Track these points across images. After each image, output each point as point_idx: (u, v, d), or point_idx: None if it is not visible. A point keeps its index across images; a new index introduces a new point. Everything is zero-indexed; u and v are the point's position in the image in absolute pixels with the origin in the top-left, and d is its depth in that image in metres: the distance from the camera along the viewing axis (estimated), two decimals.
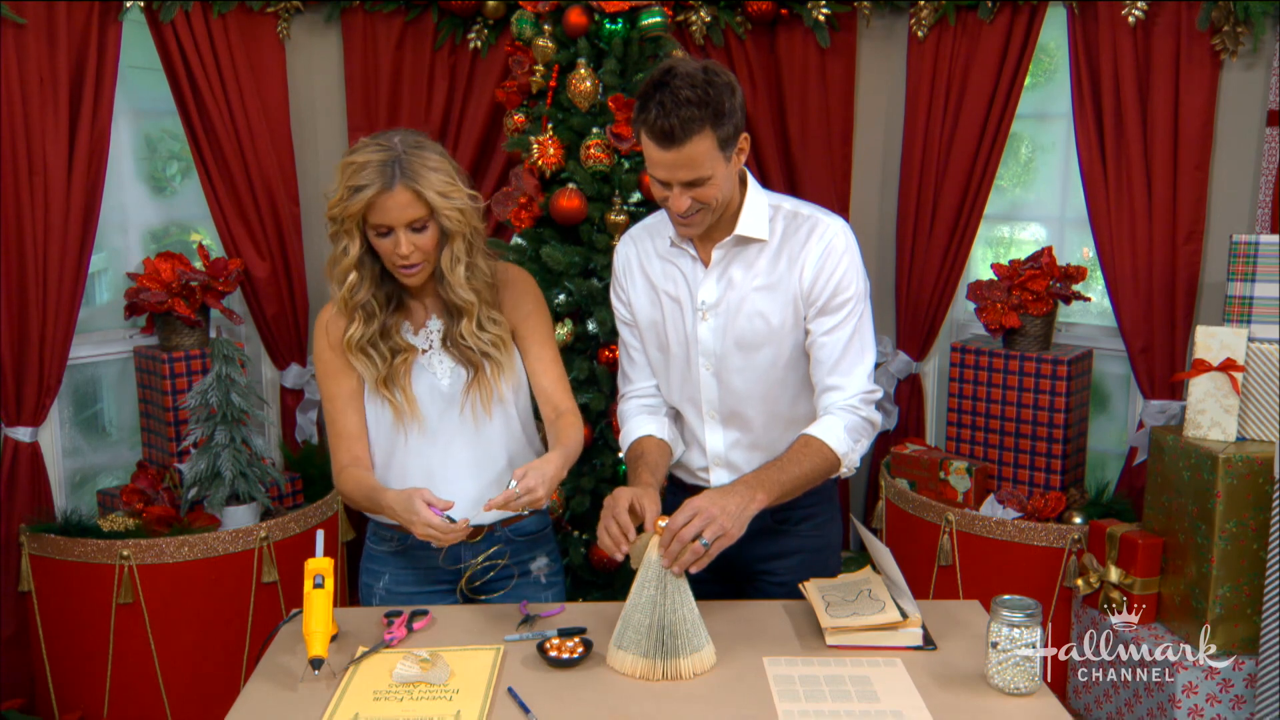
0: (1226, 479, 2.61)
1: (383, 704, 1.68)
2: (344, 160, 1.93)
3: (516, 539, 2.13)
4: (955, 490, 3.25)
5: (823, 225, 1.98)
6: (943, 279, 3.50)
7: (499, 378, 2.04)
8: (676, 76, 1.82)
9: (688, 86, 1.80)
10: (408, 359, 2.01)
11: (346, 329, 2.00)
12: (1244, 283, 2.82)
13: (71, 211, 3.04)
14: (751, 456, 2.07)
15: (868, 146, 3.65)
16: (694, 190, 1.87)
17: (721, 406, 2.05)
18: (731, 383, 2.03)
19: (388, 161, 1.89)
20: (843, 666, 1.79)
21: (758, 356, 2.00)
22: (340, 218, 1.92)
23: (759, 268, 1.99)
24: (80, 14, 3.02)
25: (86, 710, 3.05)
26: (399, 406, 2.00)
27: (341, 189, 1.91)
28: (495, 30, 3.49)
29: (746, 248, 1.99)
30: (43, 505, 3.12)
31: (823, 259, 1.95)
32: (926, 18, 3.39)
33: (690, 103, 1.79)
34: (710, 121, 1.81)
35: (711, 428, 2.08)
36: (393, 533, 2.10)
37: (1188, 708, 2.68)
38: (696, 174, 1.84)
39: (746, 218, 1.97)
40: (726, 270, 2.00)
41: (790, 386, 2.04)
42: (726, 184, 1.90)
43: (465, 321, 2.01)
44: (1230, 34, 3.00)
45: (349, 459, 2.03)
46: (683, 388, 2.08)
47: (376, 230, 1.91)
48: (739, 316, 1.99)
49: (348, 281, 1.97)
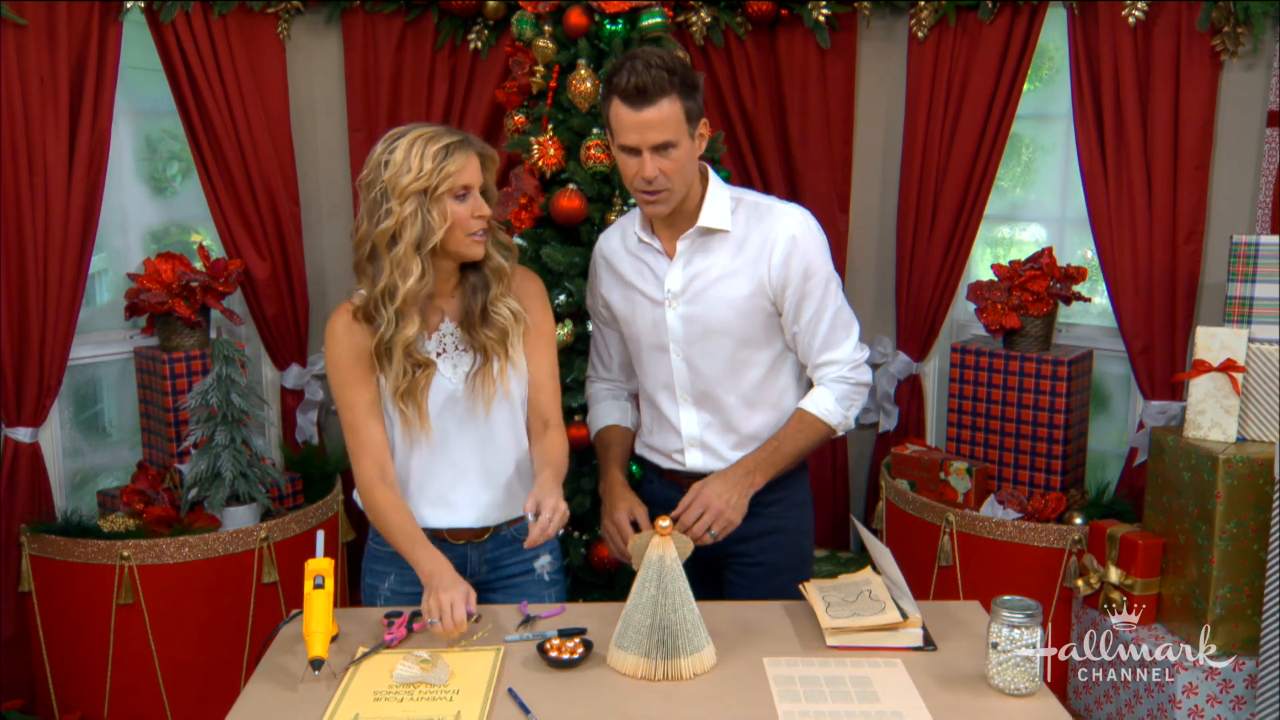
0: (1227, 479, 2.61)
1: (383, 704, 1.68)
2: (407, 138, 1.92)
3: (520, 538, 2.13)
4: (955, 491, 3.25)
5: (785, 214, 2.09)
6: (943, 279, 3.50)
7: (506, 369, 2.04)
8: (644, 53, 1.96)
9: (656, 57, 1.95)
10: (428, 373, 2.00)
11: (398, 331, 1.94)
12: (1244, 283, 2.82)
13: (72, 212, 3.04)
14: (725, 438, 2.17)
15: (868, 147, 3.65)
16: (661, 158, 1.96)
17: (693, 389, 2.16)
18: (700, 366, 2.13)
19: (451, 129, 1.96)
20: (843, 667, 1.79)
21: (724, 341, 2.11)
22: (433, 186, 1.90)
23: (722, 256, 2.09)
24: (80, 14, 3.02)
25: (87, 711, 3.05)
26: (410, 420, 2.00)
27: (426, 158, 1.89)
28: (495, 31, 3.49)
29: (710, 238, 2.10)
30: (43, 506, 3.12)
31: (789, 245, 2.06)
32: (926, 18, 3.39)
33: (661, 67, 1.93)
34: (679, 89, 1.94)
35: (685, 410, 2.18)
36: None
37: (1188, 708, 2.67)
38: (665, 136, 1.95)
39: (709, 210, 2.08)
40: (691, 260, 2.11)
41: (756, 367, 2.14)
42: (689, 163, 2.01)
43: (499, 286, 2.03)
44: (1230, 34, 3.00)
45: (376, 471, 2.01)
46: (655, 374, 2.19)
47: (456, 195, 1.93)
48: (704, 303, 2.10)
49: (415, 274, 1.92)
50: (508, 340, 2.04)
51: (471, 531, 2.09)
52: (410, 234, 1.91)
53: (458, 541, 2.09)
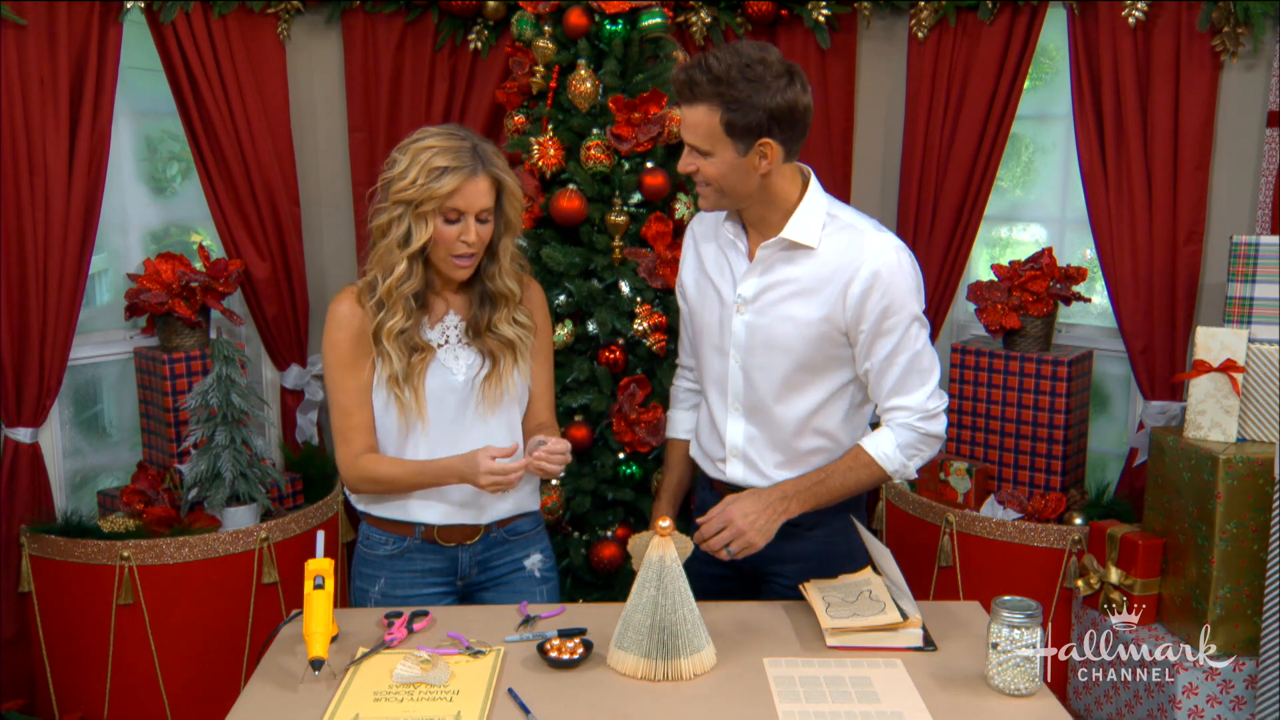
0: (1227, 480, 2.61)
1: (383, 705, 1.68)
2: (418, 144, 1.93)
3: (511, 538, 2.14)
4: (955, 491, 3.25)
5: (876, 244, 1.94)
6: (943, 280, 3.50)
7: (511, 374, 2.05)
8: (728, 50, 1.85)
9: (720, 61, 1.82)
10: (425, 358, 2.00)
11: (383, 319, 1.97)
12: (1244, 284, 2.82)
13: (72, 212, 3.04)
14: (768, 455, 2.07)
15: (868, 147, 3.65)
16: (696, 158, 1.89)
17: (745, 400, 2.06)
18: (755, 379, 2.03)
19: (469, 148, 1.93)
20: (843, 667, 1.79)
21: (783, 358, 2.00)
22: (418, 200, 1.91)
23: (801, 273, 1.97)
24: (80, 15, 3.02)
25: (87, 711, 3.05)
26: (406, 405, 1.99)
27: (421, 171, 1.90)
28: (495, 31, 3.49)
29: (793, 251, 1.98)
30: (43, 506, 3.12)
31: (871, 280, 1.92)
32: (926, 19, 3.39)
33: (708, 70, 1.82)
34: (717, 99, 1.83)
35: (733, 419, 2.08)
36: (389, 535, 2.10)
37: (1188, 708, 2.67)
38: (695, 141, 1.88)
39: (798, 222, 1.96)
40: (770, 269, 2.00)
41: (813, 392, 2.02)
42: (732, 174, 1.90)
43: (505, 310, 2.04)
44: (1230, 35, 3.00)
45: (364, 446, 2.03)
46: (711, 373, 2.10)
47: (446, 216, 1.92)
48: (772, 316, 1.99)
49: (397, 271, 1.95)
50: (515, 350, 2.05)
51: (463, 531, 2.09)
52: (396, 234, 1.95)
53: (449, 544, 2.09)
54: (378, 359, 2.00)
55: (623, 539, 2.90)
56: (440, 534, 2.08)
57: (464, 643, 1.86)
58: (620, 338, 2.90)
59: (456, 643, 1.86)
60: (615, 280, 2.92)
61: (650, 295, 2.90)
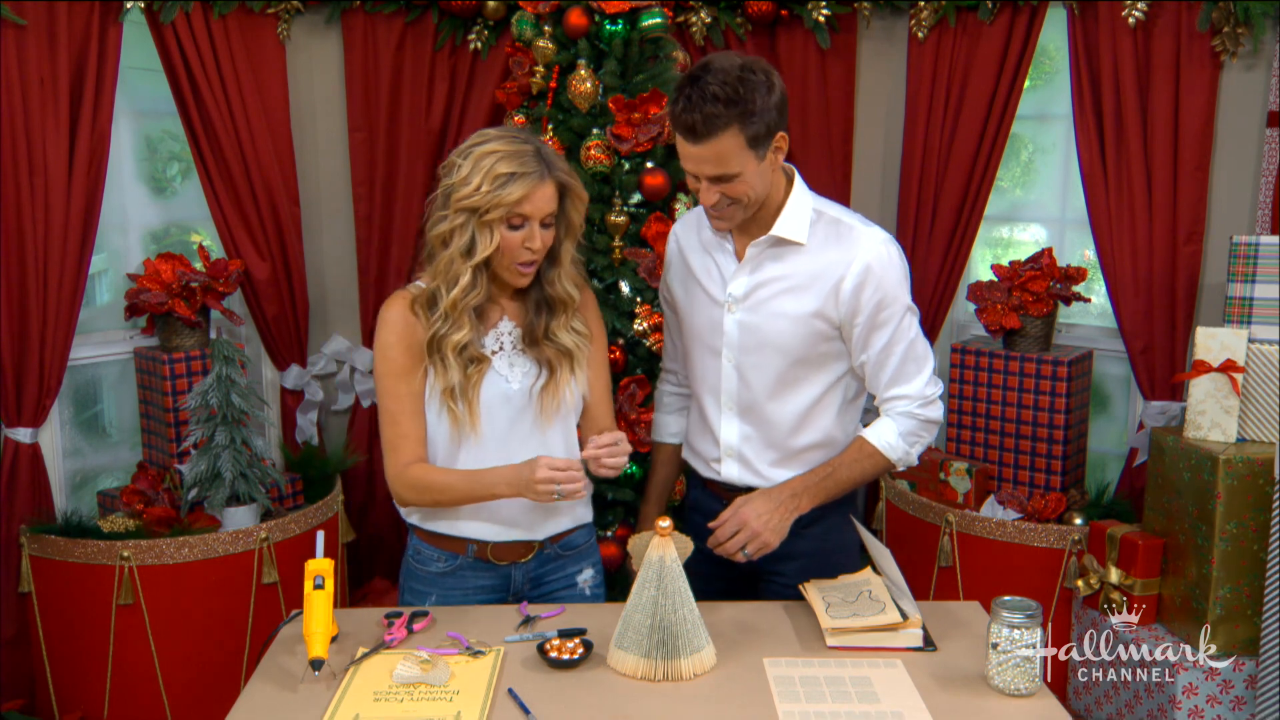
0: (1227, 480, 2.61)
1: (383, 705, 1.68)
2: (481, 149, 1.87)
3: (565, 553, 2.10)
4: (955, 491, 3.25)
5: (865, 238, 1.96)
6: (943, 280, 3.50)
7: (569, 383, 1.99)
8: (710, 72, 1.82)
9: (718, 83, 1.80)
10: (481, 369, 1.94)
11: (447, 332, 1.91)
12: (1244, 284, 2.82)
13: (72, 212, 3.04)
14: (763, 454, 2.08)
15: (868, 147, 3.65)
16: (722, 185, 1.88)
17: (739, 399, 2.07)
18: (749, 378, 2.04)
19: (533, 152, 1.87)
20: (843, 667, 1.79)
21: (777, 355, 2.01)
22: (483, 208, 1.85)
23: (791, 269, 1.99)
24: (80, 15, 3.02)
25: (87, 711, 3.05)
26: (460, 417, 1.93)
27: (485, 178, 1.84)
28: (495, 31, 3.49)
29: (782, 248, 1.99)
30: (43, 506, 3.12)
31: (863, 274, 1.94)
32: (926, 19, 3.39)
33: (717, 99, 1.80)
34: (738, 120, 1.81)
35: (728, 419, 2.09)
36: (441, 552, 2.04)
37: (1188, 709, 2.67)
38: (721, 170, 1.86)
39: (786, 219, 1.97)
40: (759, 267, 2.01)
41: (808, 388, 2.04)
42: (759, 181, 1.90)
43: (563, 316, 1.98)
44: (1230, 35, 3.00)
45: (413, 457, 1.95)
46: (704, 376, 2.11)
47: (510, 223, 1.87)
48: (763, 313, 2.00)
49: (462, 283, 1.89)
50: (573, 359, 2.00)
51: (516, 549, 2.04)
52: (459, 243, 1.88)
53: (502, 563, 2.04)
54: (430, 368, 1.94)
55: (623, 539, 2.90)
56: (493, 552, 2.02)
57: (464, 643, 1.86)
58: (620, 338, 2.90)
59: (456, 643, 1.86)
60: (615, 280, 2.92)
61: (650, 295, 2.90)
